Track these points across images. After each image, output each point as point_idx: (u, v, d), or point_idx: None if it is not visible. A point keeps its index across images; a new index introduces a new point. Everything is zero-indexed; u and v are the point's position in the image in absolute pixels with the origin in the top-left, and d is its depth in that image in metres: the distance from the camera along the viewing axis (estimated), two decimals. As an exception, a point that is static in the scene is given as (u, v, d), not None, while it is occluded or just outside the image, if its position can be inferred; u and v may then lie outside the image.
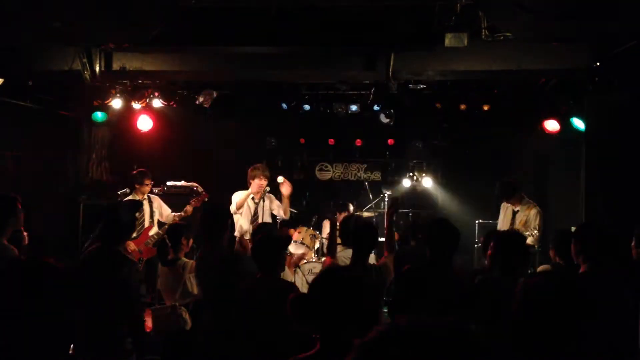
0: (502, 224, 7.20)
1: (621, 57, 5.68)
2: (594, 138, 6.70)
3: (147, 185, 7.48)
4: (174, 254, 5.13)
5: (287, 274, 6.37)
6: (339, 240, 7.82)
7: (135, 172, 7.60)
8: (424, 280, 3.92)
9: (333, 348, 2.10)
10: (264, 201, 7.31)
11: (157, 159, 9.60)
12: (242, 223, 7.26)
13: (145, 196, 7.53)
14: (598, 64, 5.83)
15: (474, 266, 8.01)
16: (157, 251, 5.42)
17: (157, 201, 7.69)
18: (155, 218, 7.53)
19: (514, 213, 7.06)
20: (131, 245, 7.07)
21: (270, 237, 4.60)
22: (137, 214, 7.01)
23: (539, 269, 4.77)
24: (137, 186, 7.45)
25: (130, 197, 7.45)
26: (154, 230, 7.41)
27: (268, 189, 7.34)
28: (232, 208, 7.21)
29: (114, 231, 4.11)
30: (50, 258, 1.86)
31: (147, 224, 7.45)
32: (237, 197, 7.25)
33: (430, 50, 6.05)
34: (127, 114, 8.86)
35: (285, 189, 7.28)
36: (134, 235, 7.26)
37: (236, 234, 7.24)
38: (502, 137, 9.66)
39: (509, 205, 7.13)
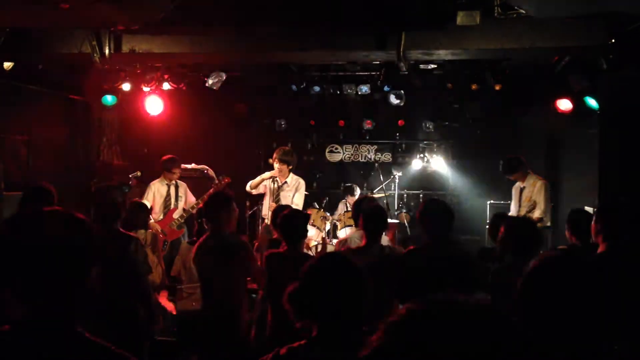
0: (513, 204, 7.22)
1: (636, 34, 5.59)
2: (608, 116, 6.61)
3: (174, 173, 7.54)
4: None
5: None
6: (351, 222, 7.86)
7: (165, 158, 7.62)
8: (420, 262, 3.92)
9: (330, 335, 2.08)
10: (288, 185, 7.25)
11: (167, 141, 9.58)
12: (265, 205, 7.28)
13: (173, 181, 7.59)
14: (612, 40, 5.73)
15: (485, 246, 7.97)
16: (197, 231, 5.47)
17: (184, 187, 7.77)
18: (180, 203, 7.61)
19: (521, 191, 7.07)
20: (156, 227, 7.14)
21: (296, 211, 4.78)
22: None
23: (555, 249, 4.74)
24: (165, 172, 7.51)
25: (157, 181, 7.50)
26: (178, 213, 7.53)
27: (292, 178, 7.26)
28: (247, 187, 7.26)
29: (110, 212, 4.30)
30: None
31: (172, 206, 7.53)
32: (257, 178, 7.27)
33: (442, 29, 5.96)
34: (137, 97, 8.84)
35: None
36: (160, 217, 7.38)
37: (263, 214, 7.29)
38: (514, 117, 9.58)
39: (518, 184, 7.14)
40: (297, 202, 7.12)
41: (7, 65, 7.03)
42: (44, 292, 1.52)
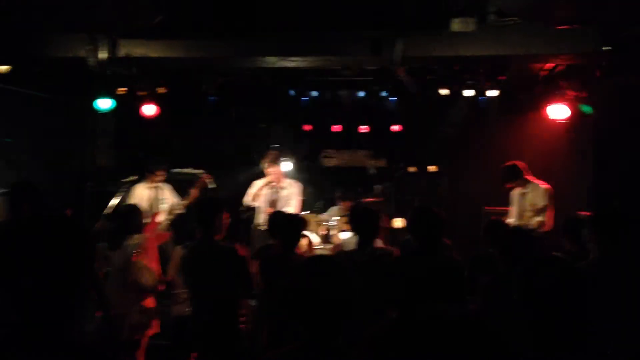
0: (513, 210, 7.20)
1: (630, 41, 5.63)
2: (602, 123, 6.66)
3: (158, 175, 7.49)
4: None
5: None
6: (346, 227, 7.87)
7: (149, 160, 7.56)
8: (409, 270, 3.93)
9: (319, 338, 2.08)
10: (283, 190, 7.23)
11: (162, 145, 9.58)
12: (260, 212, 7.24)
13: (155, 184, 7.54)
14: (607, 47, 5.77)
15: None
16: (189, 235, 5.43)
17: (167, 189, 7.71)
18: (165, 206, 7.56)
19: (522, 196, 7.07)
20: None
21: (292, 216, 4.82)
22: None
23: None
24: (149, 175, 7.46)
25: (141, 184, 7.46)
26: (162, 216, 7.46)
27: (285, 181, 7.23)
28: (247, 199, 7.21)
29: None
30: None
31: (156, 209, 7.47)
32: (252, 187, 7.21)
33: (437, 36, 6.00)
34: (133, 101, 8.83)
35: None
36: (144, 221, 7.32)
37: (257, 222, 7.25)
38: (509, 123, 9.61)
39: (518, 189, 7.14)
40: (294, 206, 7.11)
41: (3, 68, 7.03)
42: (40, 297, 1.52)
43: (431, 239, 3.98)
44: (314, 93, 9.43)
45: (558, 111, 7.90)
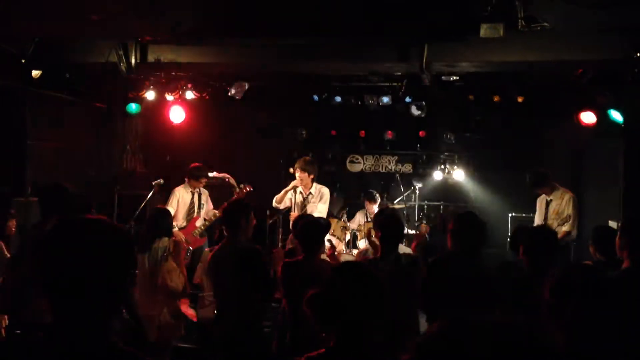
0: (537, 216, 7.13)
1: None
2: (633, 130, 6.55)
3: (201, 182, 7.56)
4: None
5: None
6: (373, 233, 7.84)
7: (193, 165, 7.62)
8: (447, 275, 3.90)
9: (349, 344, 2.09)
10: (312, 196, 7.25)
11: (189, 149, 9.68)
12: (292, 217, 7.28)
13: (197, 189, 7.63)
14: (638, 54, 5.68)
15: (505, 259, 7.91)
16: (218, 238, 5.48)
17: (206, 195, 7.78)
18: (203, 211, 7.63)
19: (547, 203, 6.99)
20: (180, 235, 7.14)
21: (314, 220, 4.80)
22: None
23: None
24: (192, 180, 7.52)
25: (181, 188, 7.55)
26: (200, 221, 7.55)
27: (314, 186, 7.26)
28: (274, 203, 7.28)
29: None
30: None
31: (195, 214, 7.57)
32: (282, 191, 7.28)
33: (465, 41, 5.96)
34: (161, 105, 8.96)
35: None
36: (183, 224, 7.40)
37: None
38: (537, 130, 9.51)
39: (543, 196, 7.06)
40: (321, 211, 7.12)
41: (35, 73, 7.17)
42: (78, 300, 1.54)
43: (474, 244, 3.96)
44: (340, 98, 9.44)
45: (587, 117, 7.80)
